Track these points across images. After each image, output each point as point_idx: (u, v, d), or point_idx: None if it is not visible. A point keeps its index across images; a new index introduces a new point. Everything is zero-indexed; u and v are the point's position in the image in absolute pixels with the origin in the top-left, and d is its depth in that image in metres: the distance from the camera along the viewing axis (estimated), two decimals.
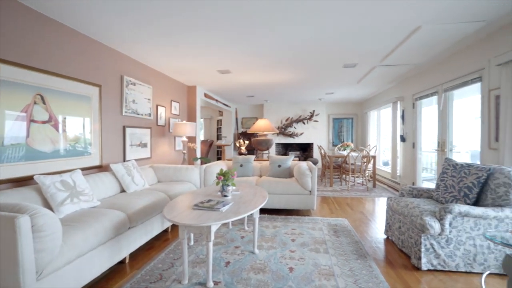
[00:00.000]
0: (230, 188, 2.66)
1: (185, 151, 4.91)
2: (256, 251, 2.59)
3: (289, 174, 4.27)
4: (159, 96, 4.79)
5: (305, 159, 8.90)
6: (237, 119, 9.67)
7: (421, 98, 4.72)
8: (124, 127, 3.78)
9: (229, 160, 5.14)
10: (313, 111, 8.54)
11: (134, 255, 2.59)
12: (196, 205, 2.26)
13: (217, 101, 7.56)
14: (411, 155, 5.04)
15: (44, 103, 2.54)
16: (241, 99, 8.28)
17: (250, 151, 8.69)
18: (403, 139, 5.33)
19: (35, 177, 2.18)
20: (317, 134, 8.71)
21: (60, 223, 1.70)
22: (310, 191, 3.79)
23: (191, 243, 2.80)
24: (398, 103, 5.59)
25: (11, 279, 1.45)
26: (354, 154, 5.62)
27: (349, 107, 8.84)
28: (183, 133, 4.74)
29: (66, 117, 2.81)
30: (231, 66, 4.51)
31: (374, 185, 5.84)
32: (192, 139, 5.85)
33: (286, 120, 8.75)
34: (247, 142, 5.53)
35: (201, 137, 10.32)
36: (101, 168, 3.31)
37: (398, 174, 5.67)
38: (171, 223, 3.08)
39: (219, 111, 9.89)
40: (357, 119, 8.81)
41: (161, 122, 4.84)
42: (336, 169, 6.28)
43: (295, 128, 8.77)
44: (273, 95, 7.44)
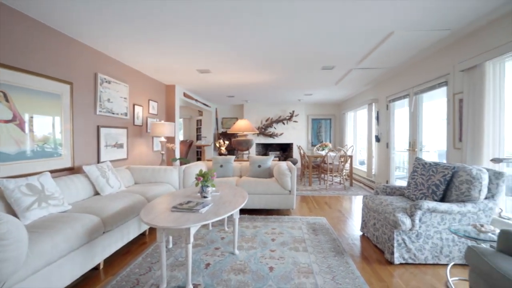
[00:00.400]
0: (210, 189, 2.63)
1: (163, 152, 4.80)
2: (237, 251, 2.58)
3: (269, 174, 4.30)
4: (136, 95, 4.63)
5: (285, 159, 9.01)
6: (217, 119, 9.59)
7: (394, 100, 4.95)
8: (98, 127, 3.61)
9: (209, 160, 5.08)
10: (293, 111, 8.67)
11: (109, 260, 2.48)
12: (174, 207, 2.22)
13: (196, 100, 7.45)
14: (385, 154, 5.28)
15: (7, 100, 2.37)
16: (221, 99, 8.22)
17: (231, 151, 8.65)
18: (377, 139, 5.57)
19: None
20: (296, 134, 8.86)
21: (25, 230, 1.59)
22: (290, 191, 3.85)
23: (170, 246, 2.74)
24: (373, 104, 5.82)
25: None
26: (332, 154, 5.78)
27: (328, 108, 9.08)
28: (162, 133, 4.63)
29: (34, 116, 2.64)
30: (211, 65, 4.47)
31: (351, 184, 6.05)
32: (170, 139, 5.72)
33: (266, 121, 8.82)
34: (227, 143, 5.50)
35: (180, 137, 10.12)
36: (73, 170, 3.14)
37: (373, 173, 5.91)
38: (149, 226, 2.99)
39: (198, 111, 9.76)
40: (335, 119, 9.07)
41: (138, 122, 4.68)
42: (315, 168, 6.43)
43: (275, 128, 8.85)
44: (253, 95, 7.46)
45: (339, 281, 2.10)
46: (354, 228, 3.33)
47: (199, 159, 9.76)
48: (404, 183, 5.03)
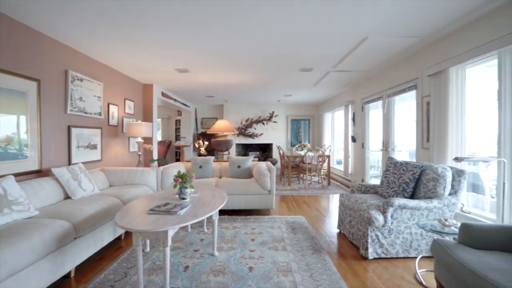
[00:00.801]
0: (189, 190, 2.60)
1: (140, 153, 4.65)
2: (216, 253, 2.57)
3: (248, 174, 4.32)
4: (111, 94, 4.45)
5: (265, 159, 9.08)
6: (196, 119, 9.45)
7: (368, 102, 5.17)
8: (69, 127, 3.43)
9: (188, 161, 5.00)
10: (273, 112, 8.76)
11: (81, 267, 2.37)
12: (152, 209, 2.17)
13: (175, 100, 7.31)
14: (361, 154, 5.49)
15: None
16: (200, 99, 8.12)
17: (210, 152, 8.57)
18: (354, 139, 5.78)
19: None
20: (276, 135, 8.96)
21: None
22: (269, 191, 3.89)
23: (147, 249, 2.67)
24: (350, 106, 6.04)
25: None
26: (310, 154, 5.92)
27: (307, 108, 9.27)
28: (138, 133, 4.49)
29: None
30: (190, 65, 4.41)
31: (329, 183, 6.22)
32: (148, 140, 5.56)
33: (246, 121, 8.83)
34: (206, 143, 5.45)
35: (158, 138, 9.86)
36: (40, 173, 2.96)
37: (349, 172, 6.12)
38: (125, 230, 2.89)
39: (177, 110, 9.57)
40: (314, 120, 9.28)
41: (113, 122, 4.51)
42: (294, 168, 6.54)
43: (255, 128, 8.89)
44: (233, 95, 7.45)
45: (316, 277, 2.16)
46: (332, 226, 3.43)
47: (178, 160, 9.56)
48: (378, 181, 5.26)
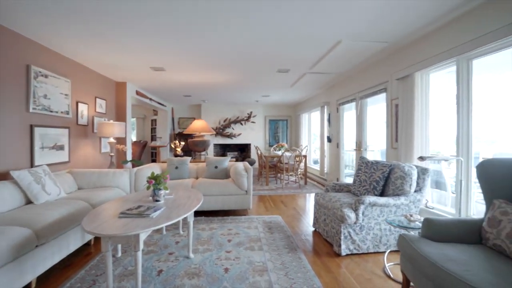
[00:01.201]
0: (163, 192, 2.53)
1: (112, 154, 4.46)
2: (191, 255, 2.53)
3: (226, 175, 4.29)
4: (80, 91, 4.22)
5: (243, 159, 9.08)
6: (173, 119, 9.24)
7: (343, 104, 5.35)
8: (31, 126, 3.20)
9: (163, 162, 4.87)
10: (251, 112, 8.78)
11: (44, 277, 2.22)
12: (123, 212, 2.08)
13: (151, 99, 7.08)
14: (336, 154, 5.66)
15: None
16: (177, 98, 7.94)
17: (188, 152, 8.41)
18: (329, 139, 5.95)
19: None
20: (254, 135, 8.99)
21: None
22: (246, 191, 3.90)
23: (119, 254, 2.56)
24: (325, 107, 6.21)
25: None
26: (287, 154, 6.01)
27: (284, 109, 9.39)
28: (110, 133, 4.29)
29: None
30: (166, 63, 4.30)
31: (306, 182, 6.36)
32: (121, 140, 5.34)
33: (224, 121, 8.78)
34: (183, 143, 5.34)
35: (133, 138, 9.52)
36: None
37: (325, 172, 6.29)
38: (93, 236, 2.75)
39: (153, 110, 9.28)
40: (291, 120, 9.43)
41: (82, 121, 4.27)
42: (272, 168, 6.60)
43: (233, 129, 8.86)
44: (210, 95, 7.37)
45: (291, 276, 2.19)
46: (307, 225, 3.50)
47: (154, 161, 9.28)
48: (352, 180, 5.46)
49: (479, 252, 1.59)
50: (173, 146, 5.16)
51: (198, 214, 3.88)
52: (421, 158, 2.48)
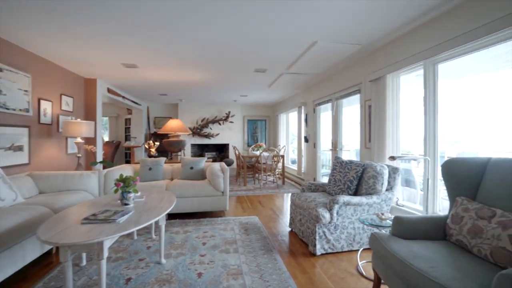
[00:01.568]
0: (132, 195, 2.40)
1: (80, 155, 4.19)
2: (163, 261, 2.42)
3: (202, 176, 4.19)
4: (42, 88, 3.91)
5: (221, 159, 8.97)
6: (149, 118, 8.92)
7: (319, 104, 5.43)
8: None
9: (136, 163, 4.67)
10: (229, 112, 8.69)
11: None
12: (86, 218, 1.94)
13: (124, 98, 6.77)
14: (313, 154, 5.74)
15: None
16: (153, 97, 7.67)
17: (163, 152, 8.15)
18: (306, 140, 6.02)
19: None
20: (233, 135, 8.91)
21: None
22: (223, 192, 3.83)
23: (83, 263, 2.39)
24: (303, 107, 6.28)
25: None
26: (265, 154, 6.00)
27: (263, 109, 9.40)
28: (78, 133, 4.03)
29: None
30: (138, 60, 4.11)
31: (283, 182, 6.39)
32: (91, 140, 5.04)
33: (202, 121, 8.61)
34: (157, 144, 5.15)
35: (105, 138, 9.06)
36: None
37: (303, 171, 6.36)
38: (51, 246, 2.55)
39: (127, 109, 8.90)
40: (270, 121, 9.46)
41: (46, 120, 3.97)
42: (250, 168, 6.57)
43: (211, 129, 8.72)
44: (187, 94, 7.19)
45: (266, 278, 2.16)
46: (284, 225, 3.50)
47: (128, 162, 8.90)
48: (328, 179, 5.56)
49: (444, 248, 1.65)
50: (147, 146, 4.95)
51: (172, 216, 3.75)
52: (392, 158, 2.56)
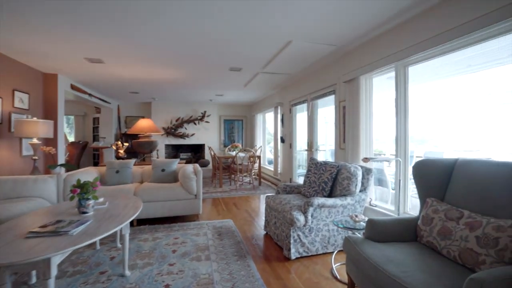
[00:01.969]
0: (92, 202, 2.18)
1: (36, 157, 3.80)
2: (127, 273, 2.22)
3: (174, 178, 3.99)
4: None
5: (197, 160, 8.72)
6: (119, 118, 8.44)
7: (295, 105, 5.42)
8: None
9: (103, 165, 4.35)
10: (205, 111, 8.47)
11: None
12: (33, 231, 1.71)
13: (90, 95, 6.32)
14: (289, 154, 5.73)
15: None
16: (123, 95, 7.26)
17: (135, 154, 7.75)
18: (282, 140, 6.00)
19: None
20: (209, 135, 8.69)
21: None
22: (196, 195, 3.66)
23: (32, 281, 2.12)
24: (279, 107, 6.25)
25: None
26: (241, 154, 5.89)
27: (239, 109, 9.27)
28: (34, 133, 3.65)
29: None
30: (104, 55, 3.82)
31: (260, 183, 6.32)
32: (50, 141, 4.62)
33: (177, 120, 8.31)
34: (126, 144, 4.84)
35: (71, 138, 8.45)
36: None
37: (279, 172, 6.34)
38: None
39: (95, 107, 8.36)
40: (247, 121, 9.36)
41: None
42: (226, 169, 6.43)
43: (186, 129, 8.43)
44: (161, 93, 6.88)
45: (239, 287, 2.05)
46: (259, 228, 3.42)
47: (96, 164, 8.36)
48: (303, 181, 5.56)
49: (416, 250, 1.65)
50: (114, 147, 4.64)
51: (142, 222, 3.52)
52: (365, 159, 2.57)
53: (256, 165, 6.38)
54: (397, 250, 1.65)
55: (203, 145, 8.73)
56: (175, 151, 8.85)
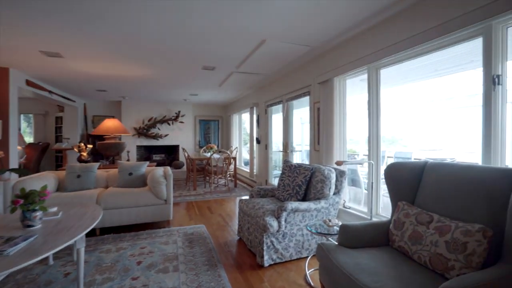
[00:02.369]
0: (39, 214, 1.93)
1: None
2: None
3: (143, 182, 3.74)
4: None
5: (170, 162, 8.39)
6: (86, 117, 7.89)
7: (271, 105, 5.36)
8: None
9: (62, 170, 3.98)
10: (179, 111, 8.16)
11: None
12: None
13: (51, 92, 5.81)
14: (265, 155, 5.66)
15: None
16: (89, 93, 6.78)
17: (100, 156, 7.28)
18: (258, 141, 5.91)
19: None
20: (183, 136, 8.39)
21: None
22: (166, 200, 3.46)
23: None
24: (255, 108, 6.16)
25: None
26: (216, 156, 5.72)
27: (215, 109, 9.06)
28: None
29: None
30: (62, 49, 3.49)
31: (235, 185, 6.19)
32: (0, 143, 4.15)
33: (149, 120, 7.92)
34: (90, 146, 4.48)
35: (29, 139, 7.76)
36: None
37: (255, 173, 6.25)
38: None
39: (58, 105, 7.74)
40: (223, 121, 9.17)
41: None
42: (200, 171, 6.22)
43: (159, 129, 8.07)
44: (131, 91, 6.51)
45: None
46: (232, 233, 3.29)
47: (59, 166, 7.74)
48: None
49: (388, 256, 1.62)
50: (76, 150, 4.26)
51: (105, 231, 3.26)
52: (338, 162, 2.54)
53: (232, 166, 6.25)
54: (370, 257, 1.60)
55: (178, 146, 8.41)
56: (147, 152, 8.45)
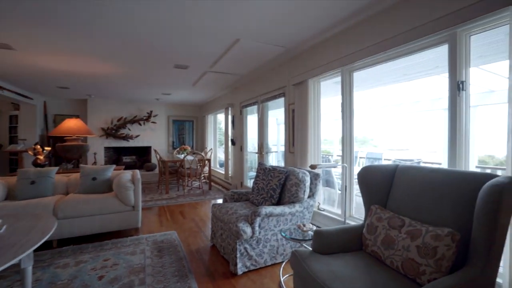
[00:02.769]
0: None
1: None
2: None
3: (108, 188, 3.47)
4: None
5: (142, 164, 8.00)
6: (46, 116, 7.27)
7: (246, 106, 5.27)
8: None
9: (13, 175, 3.58)
10: (151, 111, 7.79)
11: None
12: None
13: (2, 88, 5.25)
14: (240, 157, 5.56)
15: None
16: (50, 90, 6.23)
17: (60, 159, 6.74)
18: (233, 142, 5.80)
19: None
20: (156, 137, 8.04)
21: None
22: (134, 207, 3.23)
23: None
24: (230, 109, 6.03)
25: None
26: (190, 157, 5.53)
27: (189, 109, 8.79)
28: None
29: None
30: (12, 40, 3.14)
31: (210, 188, 6.02)
32: None
33: (118, 120, 7.48)
34: (48, 149, 4.09)
35: None
36: None
37: (230, 175, 6.13)
38: None
39: (13, 103, 7.06)
40: (197, 122, 8.93)
41: None
42: (173, 174, 5.97)
43: (129, 129, 7.65)
44: (98, 89, 6.09)
45: None
46: (205, 239, 3.15)
47: (13, 170, 7.04)
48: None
49: (361, 262, 1.59)
50: (31, 153, 3.86)
51: (64, 243, 2.97)
52: (312, 166, 2.51)
53: (206, 168, 6.07)
54: (343, 263, 1.57)
55: (150, 147, 8.03)
56: (117, 154, 7.98)
